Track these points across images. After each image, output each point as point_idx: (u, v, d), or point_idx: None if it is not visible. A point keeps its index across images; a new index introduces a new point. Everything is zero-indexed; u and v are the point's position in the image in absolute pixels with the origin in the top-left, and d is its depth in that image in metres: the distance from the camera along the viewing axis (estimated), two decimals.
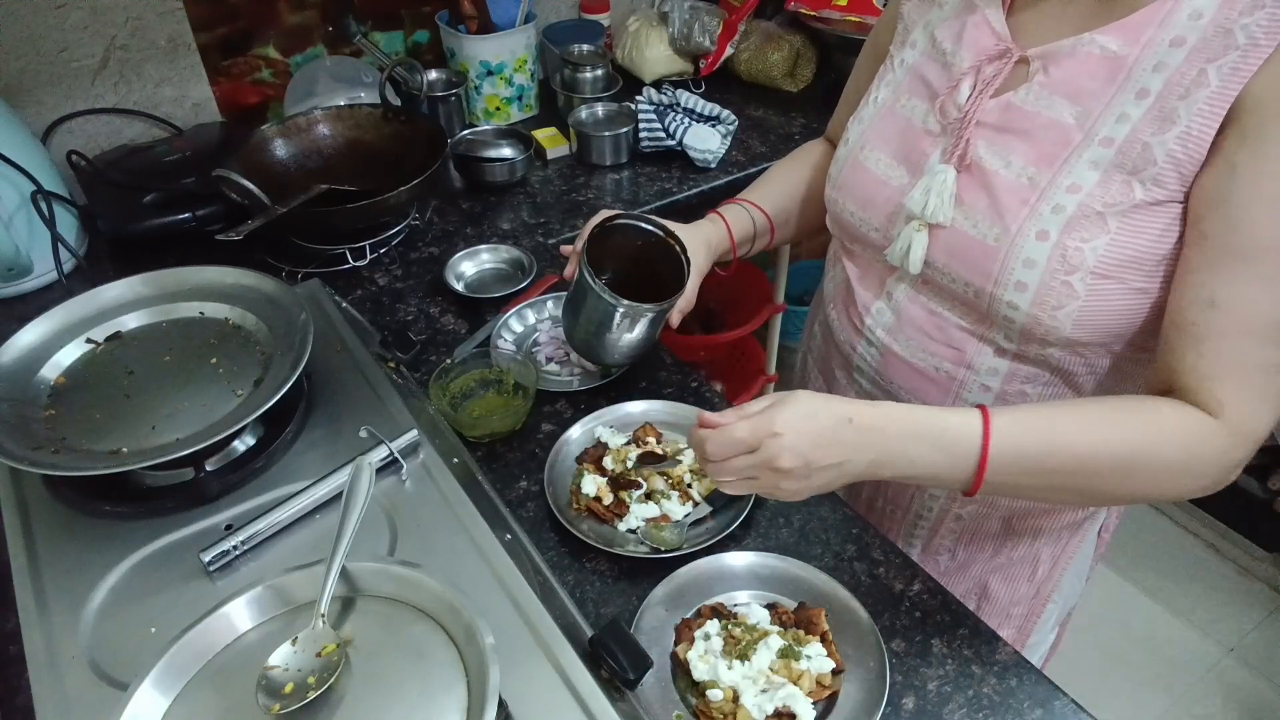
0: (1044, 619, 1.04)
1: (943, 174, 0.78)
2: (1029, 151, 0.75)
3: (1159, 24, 0.69)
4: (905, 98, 0.86)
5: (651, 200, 1.48)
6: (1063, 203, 0.72)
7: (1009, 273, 0.75)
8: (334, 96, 1.48)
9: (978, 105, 0.78)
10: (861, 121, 0.90)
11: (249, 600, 0.64)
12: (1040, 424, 0.70)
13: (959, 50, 0.81)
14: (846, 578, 0.84)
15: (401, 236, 1.35)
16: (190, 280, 0.98)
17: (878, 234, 0.86)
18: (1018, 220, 0.74)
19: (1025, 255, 0.74)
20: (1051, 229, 0.73)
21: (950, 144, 0.80)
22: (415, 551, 0.77)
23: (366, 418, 0.88)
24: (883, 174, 0.85)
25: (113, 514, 0.81)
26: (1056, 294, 0.73)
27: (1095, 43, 0.72)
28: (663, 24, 1.76)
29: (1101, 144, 0.71)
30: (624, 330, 0.96)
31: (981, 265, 0.77)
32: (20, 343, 0.89)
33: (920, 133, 0.83)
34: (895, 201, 0.83)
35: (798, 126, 1.68)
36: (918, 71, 0.85)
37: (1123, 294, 0.73)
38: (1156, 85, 0.69)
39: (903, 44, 0.89)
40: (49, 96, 1.39)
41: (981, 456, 0.69)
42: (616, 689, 0.68)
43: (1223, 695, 1.94)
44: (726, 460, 0.70)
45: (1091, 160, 0.72)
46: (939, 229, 0.80)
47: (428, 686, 0.59)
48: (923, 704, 0.76)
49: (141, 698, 0.58)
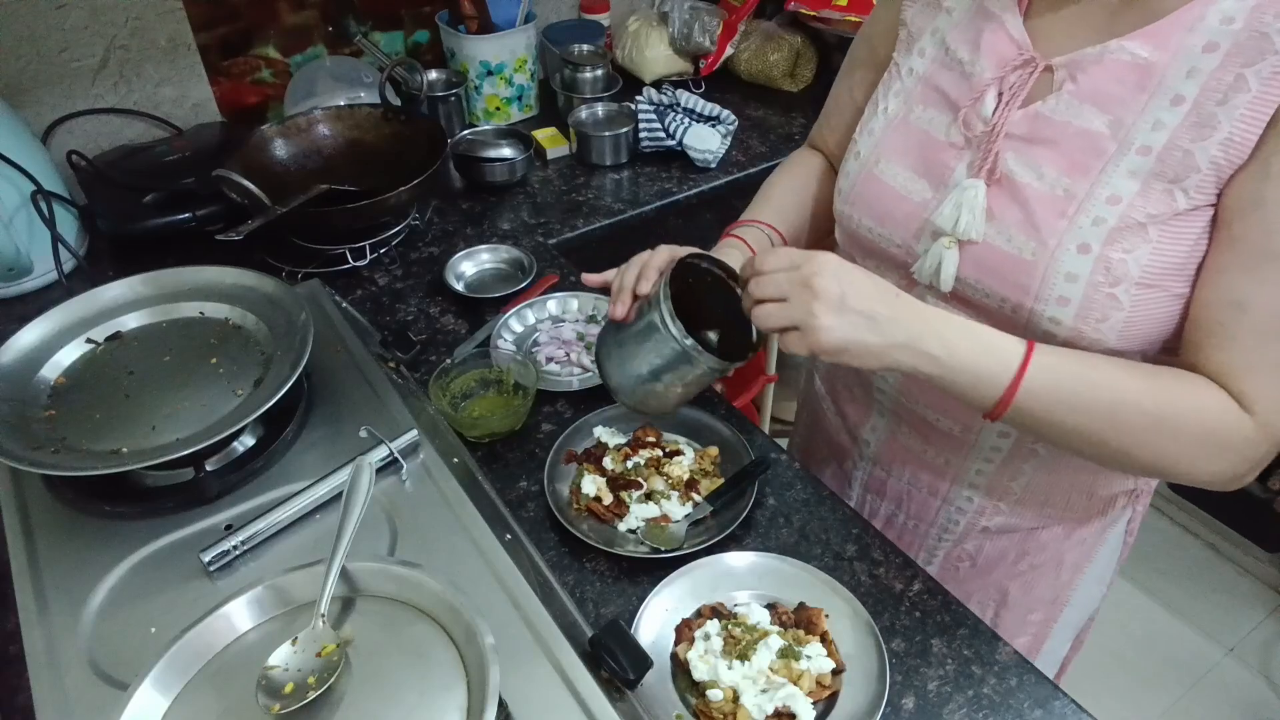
0: (1061, 624, 1.03)
1: (973, 189, 0.76)
2: (1060, 162, 0.73)
3: (1188, 29, 0.68)
4: (920, 108, 0.83)
5: (652, 200, 1.48)
6: (1103, 214, 0.71)
7: (1050, 287, 0.73)
8: (334, 96, 1.48)
9: (1005, 116, 0.76)
10: (873, 134, 0.86)
11: (249, 600, 0.64)
12: (1081, 362, 0.72)
13: (978, 59, 0.78)
14: (846, 578, 0.84)
15: (401, 236, 1.35)
16: (190, 280, 0.98)
17: (899, 250, 0.84)
18: (1055, 233, 0.72)
19: (1066, 269, 0.72)
20: (1093, 241, 0.71)
21: (978, 157, 0.77)
22: (415, 551, 0.77)
23: (366, 418, 0.88)
24: (901, 188, 0.83)
25: (113, 514, 0.81)
26: (1101, 307, 0.72)
27: (1124, 50, 0.70)
28: (663, 24, 1.76)
29: (1139, 152, 0.70)
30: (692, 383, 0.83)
31: (1018, 280, 0.75)
32: (20, 343, 0.89)
33: (941, 145, 0.80)
34: (918, 216, 0.81)
35: (798, 126, 1.68)
36: (931, 81, 0.83)
37: (1165, 301, 0.72)
38: (1191, 91, 0.67)
39: (909, 51, 0.86)
40: (49, 96, 1.39)
41: (1018, 371, 0.70)
42: (616, 689, 0.68)
43: (1223, 695, 1.94)
44: (770, 273, 0.71)
45: (1129, 169, 0.70)
46: (970, 245, 0.77)
47: (428, 686, 0.59)
48: (923, 704, 0.76)
49: (141, 698, 0.58)
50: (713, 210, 1.58)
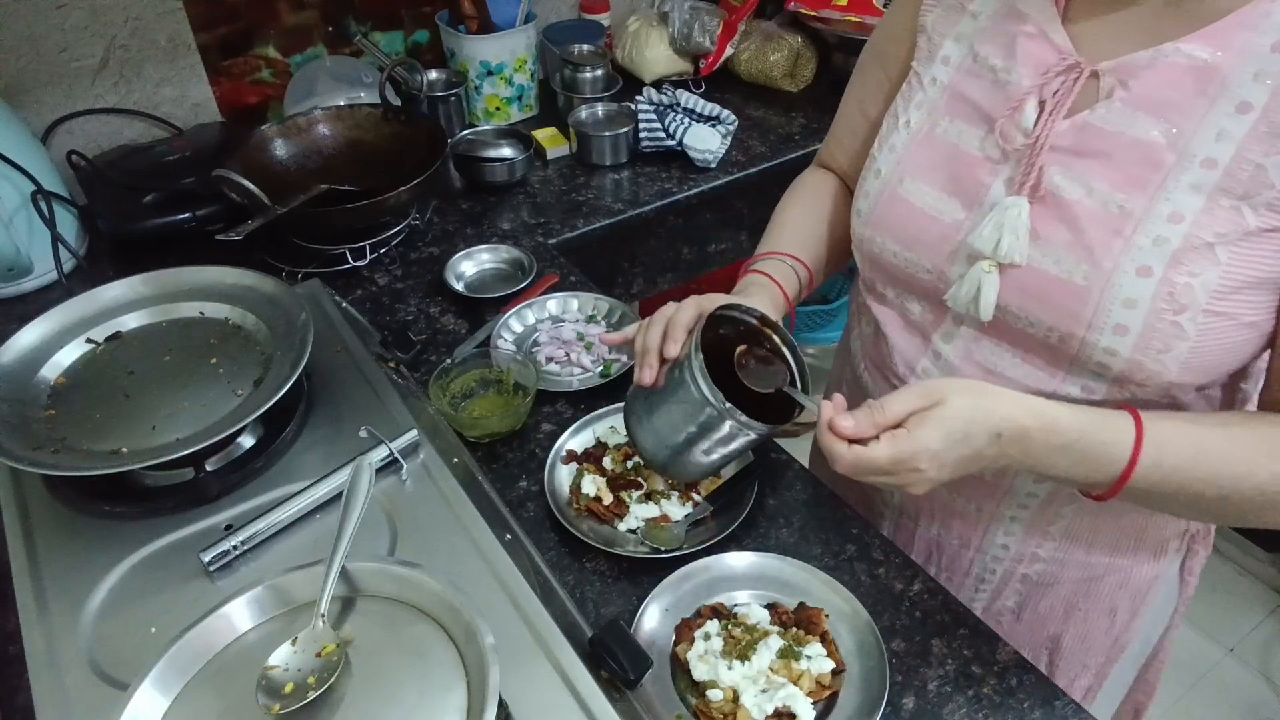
0: (1124, 663, 0.96)
1: (1015, 207, 0.70)
2: (1113, 176, 0.67)
3: (1253, 28, 0.62)
4: (947, 121, 0.77)
5: (652, 200, 1.48)
6: (1165, 234, 0.64)
7: (1105, 315, 0.67)
8: (334, 96, 1.48)
9: (1050, 127, 0.69)
10: (894, 149, 0.80)
11: (249, 600, 0.64)
12: (1188, 441, 0.66)
13: (1014, 66, 0.72)
14: (846, 578, 0.84)
15: (401, 236, 1.35)
16: (190, 280, 0.97)
17: (930, 275, 0.78)
18: (1111, 255, 0.66)
19: (1125, 295, 0.66)
20: (1154, 263, 0.65)
21: (1018, 172, 0.71)
22: (415, 551, 0.77)
23: (366, 418, 0.88)
24: (930, 208, 0.77)
25: (113, 514, 0.81)
26: (1163, 336, 0.65)
27: (1180, 52, 0.64)
28: (663, 24, 1.76)
29: (1204, 165, 0.64)
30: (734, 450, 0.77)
31: (1068, 307, 0.69)
32: (20, 343, 0.89)
33: (975, 160, 0.74)
34: (951, 239, 0.75)
35: (798, 126, 1.68)
36: (958, 90, 0.77)
37: (1235, 331, 0.66)
38: (1260, 97, 0.61)
39: (930, 59, 0.80)
40: (49, 96, 1.39)
41: (1126, 470, 0.66)
42: (616, 689, 0.68)
43: (1223, 695, 1.94)
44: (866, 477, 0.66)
45: (1192, 184, 0.64)
46: (1012, 269, 0.71)
47: (428, 686, 0.59)
48: (923, 704, 0.76)
49: (141, 698, 0.58)
50: (713, 210, 1.58)
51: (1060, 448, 0.66)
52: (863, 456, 0.64)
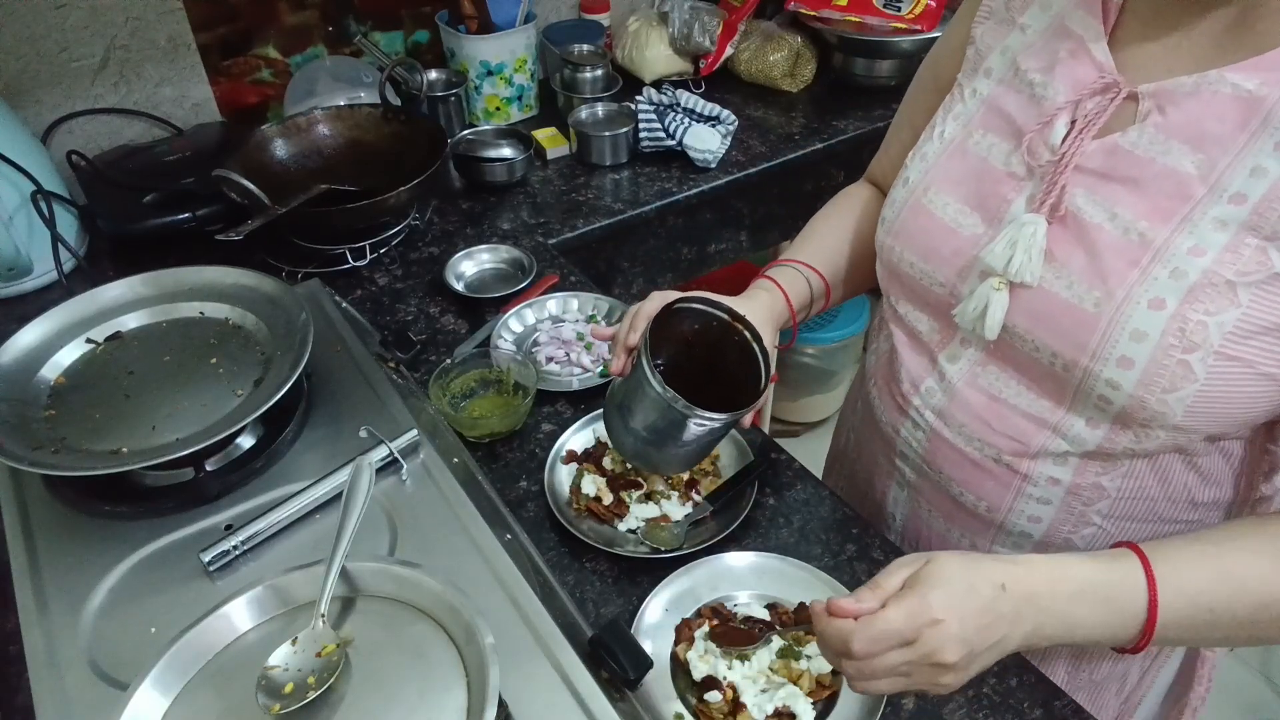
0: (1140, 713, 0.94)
1: (1031, 225, 0.68)
2: (1139, 204, 0.64)
3: None
4: (979, 133, 0.75)
5: (652, 200, 1.48)
6: (1183, 267, 0.62)
7: (1111, 345, 0.64)
8: (334, 96, 1.48)
9: (1078, 146, 0.67)
10: (925, 159, 0.79)
11: (249, 600, 0.64)
12: (1208, 566, 0.63)
13: (1051, 82, 0.70)
14: (846, 578, 0.84)
15: (401, 236, 1.35)
16: (190, 280, 0.97)
17: (943, 289, 0.76)
18: (1125, 284, 0.64)
19: (1134, 326, 0.63)
20: (1169, 297, 0.62)
21: (1040, 190, 0.69)
22: (415, 551, 0.77)
23: (366, 418, 0.88)
24: (951, 220, 0.75)
25: (113, 514, 0.81)
26: (1170, 374, 0.63)
27: (1226, 81, 0.61)
28: (663, 24, 1.76)
29: (1232, 201, 0.61)
30: (693, 440, 0.80)
31: (1075, 334, 0.66)
32: (20, 343, 0.89)
33: (1000, 175, 0.72)
34: (967, 253, 0.73)
35: (798, 126, 1.68)
36: (995, 103, 0.75)
37: (1249, 380, 0.62)
38: None
39: (975, 71, 0.77)
40: (49, 96, 1.39)
41: (1150, 612, 0.62)
42: (616, 689, 0.68)
43: (1223, 695, 1.94)
44: (879, 655, 0.59)
45: (1218, 219, 0.61)
46: (1022, 289, 0.69)
47: (428, 686, 0.59)
48: (923, 704, 0.76)
49: (141, 698, 0.58)
50: (712, 210, 1.58)
51: (1074, 595, 0.63)
52: (874, 623, 0.59)
